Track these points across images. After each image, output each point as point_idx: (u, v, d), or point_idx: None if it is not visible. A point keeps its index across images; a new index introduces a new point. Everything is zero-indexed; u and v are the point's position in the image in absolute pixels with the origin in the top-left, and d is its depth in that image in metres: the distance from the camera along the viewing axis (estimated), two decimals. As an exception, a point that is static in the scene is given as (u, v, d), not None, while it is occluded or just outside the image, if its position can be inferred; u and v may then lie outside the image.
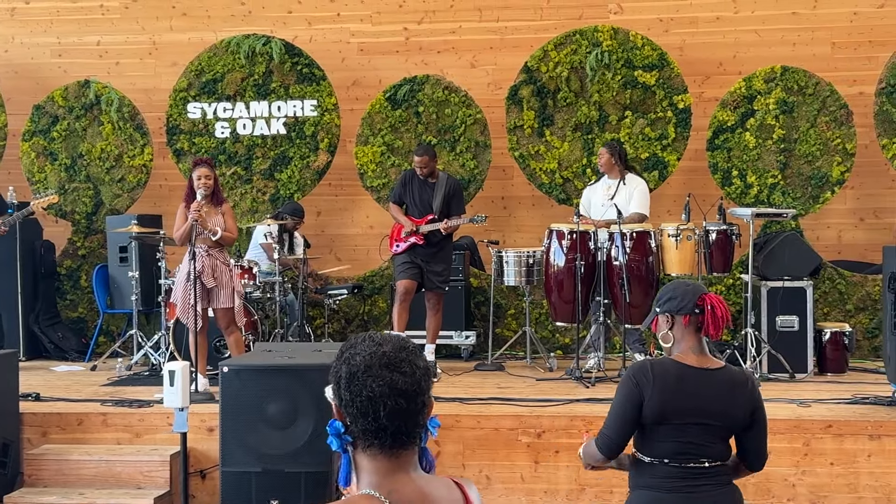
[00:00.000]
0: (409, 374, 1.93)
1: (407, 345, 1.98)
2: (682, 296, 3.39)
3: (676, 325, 3.39)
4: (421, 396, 1.94)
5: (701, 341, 3.40)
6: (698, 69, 9.28)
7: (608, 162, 7.92)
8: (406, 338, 2.02)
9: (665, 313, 3.42)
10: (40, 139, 9.57)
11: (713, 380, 3.35)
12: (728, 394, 3.35)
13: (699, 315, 3.36)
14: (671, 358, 3.41)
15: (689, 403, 3.31)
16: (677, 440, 3.32)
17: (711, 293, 3.44)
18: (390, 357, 1.93)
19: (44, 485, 6.16)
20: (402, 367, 1.93)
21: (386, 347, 1.95)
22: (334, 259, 9.69)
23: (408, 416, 1.93)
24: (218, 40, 9.49)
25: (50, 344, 9.22)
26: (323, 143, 9.33)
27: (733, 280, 8.80)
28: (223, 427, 5.49)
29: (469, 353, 8.79)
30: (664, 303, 3.43)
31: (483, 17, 9.60)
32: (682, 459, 3.33)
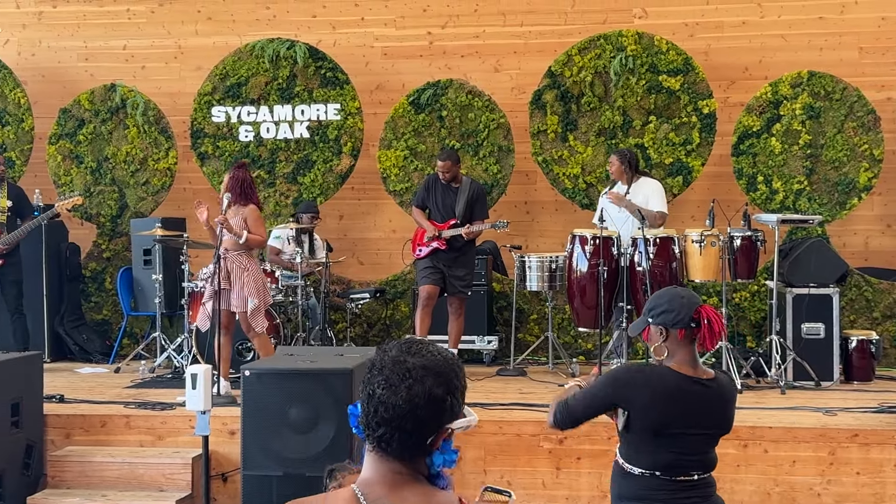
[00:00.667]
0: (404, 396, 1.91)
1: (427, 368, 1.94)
2: (679, 309, 3.31)
3: (671, 337, 3.32)
4: (412, 420, 1.91)
5: (695, 353, 3.36)
6: (724, 74, 9.21)
7: (619, 170, 7.88)
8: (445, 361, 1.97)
9: (659, 325, 3.34)
10: (67, 142, 9.64)
11: (710, 389, 3.34)
12: (723, 402, 3.38)
13: (695, 329, 3.30)
14: (668, 367, 3.35)
15: (690, 413, 3.28)
16: (672, 451, 3.28)
17: (707, 305, 3.37)
18: (400, 370, 1.93)
19: (67, 486, 6.19)
20: (401, 384, 1.92)
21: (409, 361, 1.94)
22: (357, 263, 9.70)
23: (394, 431, 1.92)
24: (242, 44, 9.53)
25: (75, 346, 9.28)
26: (346, 147, 9.35)
27: (758, 287, 8.74)
28: (245, 430, 5.50)
29: (491, 358, 8.77)
30: (658, 315, 3.34)
31: (507, 22, 9.58)
32: (674, 472, 3.29)
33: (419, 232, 8.11)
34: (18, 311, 8.47)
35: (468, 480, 6.14)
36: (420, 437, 1.93)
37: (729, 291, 8.30)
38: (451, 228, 7.91)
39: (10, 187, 8.63)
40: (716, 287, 8.51)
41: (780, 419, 6.21)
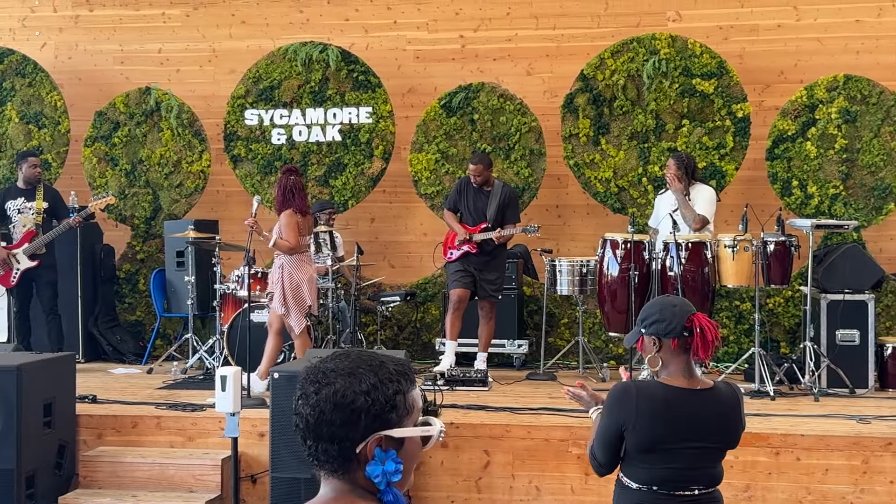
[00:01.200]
0: (312, 402, 1.81)
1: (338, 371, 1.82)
2: (671, 318, 3.24)
3: (664, 347, 3.25)
4: (325, 427, 1.79)
5: (690, 363, 3.28)
6: (758, 77, 9.13)
7: (675, 174, 7.75)
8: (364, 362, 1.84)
9: (651, 335, 3.27)
10: (102, 145, 9.74)
11: (706, 400, 3.26)
12: (723, 412, 3.28)
13: (688, 338, 3.23)
14: (658, 381, 3.28)
15: (682, 427, 3.21)
16: (668, 466, 3.21)
17: (700, 313, 3.30)
18: (312, 378, 1.83)
19: (98, 486, 6.24)
20: (311, 391, 1.82)
21: (322, 367, 1.84)
22: (388, 266, 9.71)
23: (315, 442, 1.81)
24: (276, 48, 9.58)
25: (108, 346, 9.36)
26: (378, 150, 9.36)
27: (792, 292, 8.64)
28: (273, 432, 5.52)
29: (521, 362, 8.74)
30: (650, 325, 3.27)
31: (539, 25, 9.56)
32: (672, 487, 3.22)
33: (450, 235, 8.12)
34: (53, 312, 8.58)
35: (496, 485, 6.13)
36: (342, 447, 1.80)
37: (762, 297, 8.22)
38: (483, 232, 7.91)
39: (46, 189, 8.74)
40: (749, 292, 8.44)
41: (813, 427, 6.13)
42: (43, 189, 8.68)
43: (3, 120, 9.81)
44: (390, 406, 1.82)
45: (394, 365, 1.87)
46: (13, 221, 8.53)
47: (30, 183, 8.60)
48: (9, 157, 9.77)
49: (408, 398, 1.86)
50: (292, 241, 7.14)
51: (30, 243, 8.43)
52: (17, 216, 8.53)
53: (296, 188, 7.20)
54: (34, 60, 9.87)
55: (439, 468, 6.19)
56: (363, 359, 1.85)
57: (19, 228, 8.51)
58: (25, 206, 8.55)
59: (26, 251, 8.42)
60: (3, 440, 5.68)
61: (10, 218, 8.53)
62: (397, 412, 1.84)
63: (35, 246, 8.42)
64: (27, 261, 8.43)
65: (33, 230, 8.49)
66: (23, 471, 5.73)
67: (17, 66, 9.83)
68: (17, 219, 8.53)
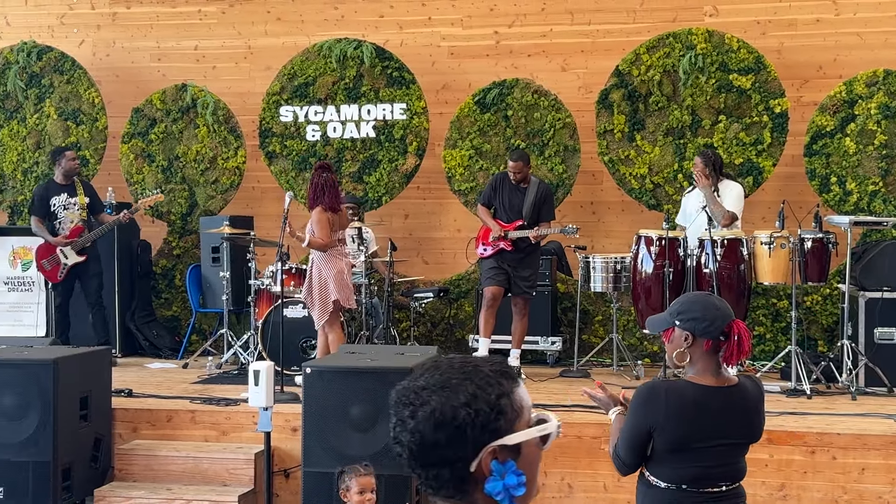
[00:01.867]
0: (411, 427, 1.66)
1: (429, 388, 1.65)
2: (712, 320, 3.18)
3: (696, 346, 3.20)
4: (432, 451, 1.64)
5: (718, 363, 3.23)
6: (796, 73, 9.02)
7: (702, 171, 7.72)
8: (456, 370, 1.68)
9: (686, 331, 3.21)
10: (139, 141, 9.82)
11: (734, 397, 3.23)
12: (748, 408, 3.25)
13: (723, 342, 3.18)
14: (686, 380, 3.24)
15: (712, 426, 3.18)
16: (698, 465, 3.18)
17: (739, 320, 3.23)
18: (403, 401, 1.69)
19: (133, 479, 6.30)
20: (406, 415, 1.67)
21: (411, 385, 1.69)
22: (421, 262, 9.71)
23: (426, 469, 1.66)
24: (311, 44, 9.61)
25: (145, 341, 9.46)
26: (411, 147, 9.37)
27: (830, 290, 8.54)
28: (305, 427, 5.54)
29: (555, 359, 8.71)
30: (688, 320, 3.20)
31: (574, 21, 9.51)
32: (701, 485, 3.19)
33: (483, 230, 8.10)
34: (99, 304, 8.71)
35: (528, 482, 6.10)
36: (454, 469, 1.63)
37: (799, 294, 8.13)
38: (519, 230, 7.87)
39: (84, 185, 8.85)
40: (786, 290, 8.35)
41: (850, 426, 6.06)
42: (81, 184, 8.79)
43: (42, 117, 9.93)
44: (496, 413, 1.64)
45: (490, 366, 1.69)
46: (59, 217, 8.63)
47: (69, 177, 8.70)
48: (47, 153, 9.88)
49: (514, 399, 1.67)
50: (324, 238, 7.16)
51: (78, 239, 8.54)
52: (63, 212, 8.63)
53: (327, 185, 7.21)
54: (72, 57, 9.98)
55: (471, 464, 6.17)
56: (454, 367, 1.68)
57: (66, 224, 8.62)
58: (70, 202, 8.66)
59: (74, 247, 8.53)
60: (40, 433, 5.76)
61: (56, 214, 8.64)
62: (506, 417, 1.65)
63: (83, 241, 8.54)
64: (75, 256, 8.55)
65: (81, 226, 8.61)
66: (59, 464, 5.80)
67: (56, 64, 9.94)
68: (64, 215, 8.63)
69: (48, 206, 8.63)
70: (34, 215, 8.67)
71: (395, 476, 5.32)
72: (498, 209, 8.07)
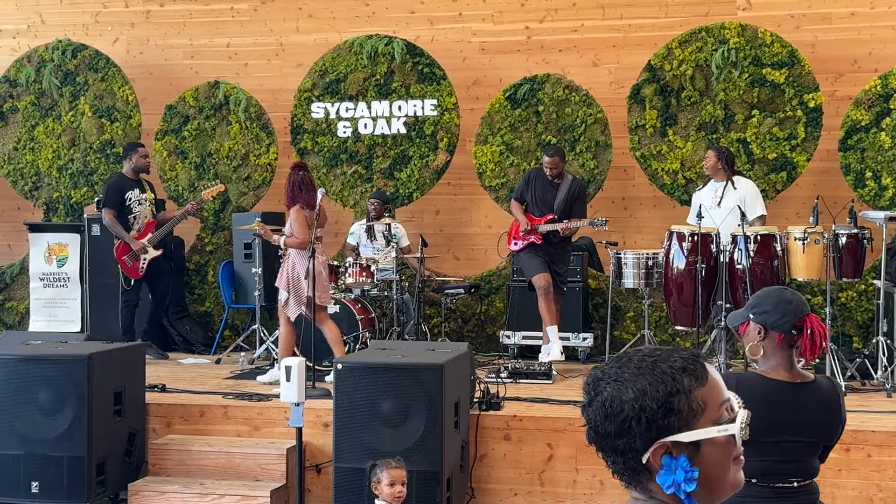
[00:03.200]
0: (588, 414, 1.69)
1: (616, 376, 1.66)
2: (783, 313, 3.18)
3: (769, 339, 3.20)
4: (605, 435, 1.66)
5: (792, 357, 3.21)
6: (831, 67, 8.92)
7: (714, 166, 7.76)
8: (647, 360, 1.67)
9: (759, 324, 3.21)
10: (172, 138, 9.90)
11: (806, 394, 3.20)
12: (822, 407, 3.21)
13: (796, 336, 3.18)
14: (757, 373, 3.23)
15: (781, 420, 3.15)
16: (765, 458, 3.14)
17: (813, 315, 3.22)
18: (589, 383, 1.71)
19: (167, 474, 6.35)
20: (585, 400, 1.70)
21: (601, 370, 1.71)
22: (452, 258, 9.71)
23: (605, 454, 1.69)
24: (342, 41, 9.63)
25: (178, 336, 9.53)
26: (442, 143, 9.37)
27: (865, 286, 8.44)
28: (337, 423, 5.56)
29: (586, 356, 8.68)
30: (760, 314, 3.21)
31: (606, 15, 9.47)
32: (771, 479, 3.17)
33: (515, 224, 8.10)
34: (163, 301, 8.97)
35: (559, 478, 6.10)
36: (626, 458, 1.66)
37: (834, 291, 8.05)
38: (548, 223, 7.87)
39: (148, 183, 8.97)
40: (820, 286, 8.27)
41: (885, 423, 5.99)
42: (145, 181, 8.93)
43: (77, 114, 10.03)
44: (665, 410, 1.62)
45: (672, 361, 1.66)
46: (134, 213, 8.73)
47: (138, 173, 8.82)
48: (82, 150, 9.99)
49: (691, 398, 1.64)
50: (301, 237, 7.21)
51: (153, 233, 8.67)
52: (138, 207, 8.74)
53: (303, 183, 7.30)
54: (106, 55, 10.07)
55: (502, 461, 6.18)
56: (633, 360, 1.67)
57: (141, 219, 8.73)
58: (143, 198, 8.78)
59: (151, 241, 8.66)
60: (75, 428, 5.82)
61: (131, 209, 8.73)
62: (679, 415, 1.63)
63: (158, 235, 8.70)
64: (153, 250, 8.66)
65: (153, 221, 8.74)
66: (94, 458, 5.86)
67: (90, 61, 10.03)
68: (138, 210, 8.74)
69: (123, 200, 8.71)
70: (110, 208, 8.68)
71: (426, 472, 5.34)
72: (530, 204, 8.07)
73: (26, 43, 10.55)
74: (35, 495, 5.81)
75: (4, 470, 5.85)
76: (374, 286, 8.26)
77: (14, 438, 5.85)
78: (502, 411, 6.34)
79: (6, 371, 5.94)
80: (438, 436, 5.40)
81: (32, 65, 10.11)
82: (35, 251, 9.68)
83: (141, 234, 8.68)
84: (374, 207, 8.78)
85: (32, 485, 5.81)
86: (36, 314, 9.62)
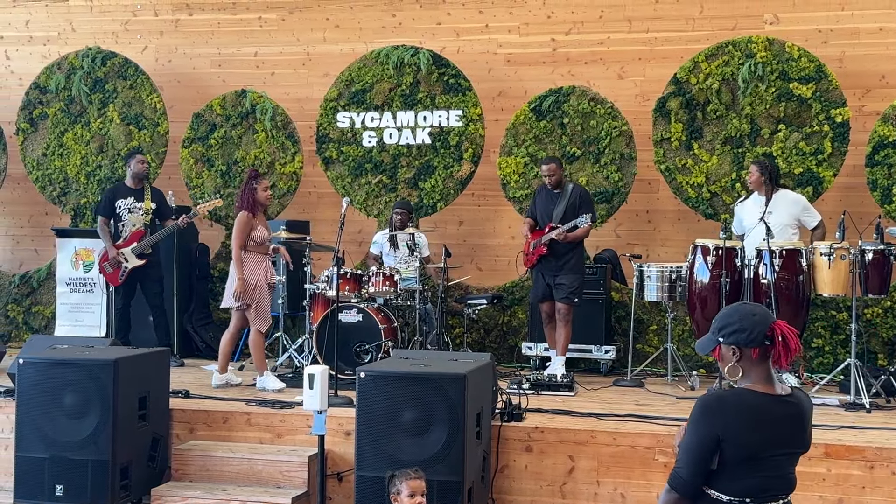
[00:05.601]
0: None
1: None
2: (752, 327, 3.15)
3: (745, 357, 3.17)
4: None
5: (770, 370, 3.19)
6: (858, 82, 8.89)
7: (758, 180, 7.71)
8: None
9: (731, 345, 3.18)
10: (199, 146, 9.97)
11: (791, 406, 3.19)
12: (805, 419, 3.22)
13: (770, 346, 3.15)
14: (745, 389, 3.19)
15: (776, 434, 3.14)
16: (762, 475, 3.13)
17: (780, 321, 3.20)
18: None
19: (189, 479, 6.38)
20: None
21: None
22: (475, 269, 9.73)
23: None
24: (368, 51, 9.69)
25: (202, 343, 9.58)
26: (467, 154, 9.39)
27: (891, 302, 8.38)
28: (359, 431, 5.57)
29: (608, 368, 8.66)
30: (730, 334, 3.17)
31: (632, 29, 9.48)
32: (763, 497, 3.14)
33: (526, 242, 8.20)
34: (160, 308, 8.84)
35: (581, 491, 6.08)
36: None
37: (860, 307, 8.00)
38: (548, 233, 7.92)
39: (153, 191, 9.00)
40: (845, 302, 8.23)
41: (910, 441, 5.94)
42: (150, 190, 8.93)
43: (106, 121, 10.12)
44: None
45: None
46: (122, 220, 8.79)
47: (139, 180, 8.86)
48: (109, 157, 10.08)
49: None
50: (236, 242, 7.44)
51: (138, 243, 8.69)
52: (127, 215, 8.79)
53: (246, 188, 7.48)
54: (135, 63, 10.17)
55: (523, 472, 6.17)
56: None
57: (128, 227, 8.77)
58: (135, 206, 8.80)
59: (135, 250, 8.68)
60: (100, 432, 5.85)
61: (120, 216, 8.79)
62: None
63: (143, 245, 8.68)
64: (135, 259, 8.69)
65: (142, 230, 8.74)
66: (118, 462, 5.89)
67: (120, 69, 10.13)
68: (127, 218, 8.78)
69: (113, 208, 8.79)
70: (100, 215, 8.85)
71: (448, 482, 5.34)
72: (537, 218, 8.14)
73: (56, 50, 10.68)
74: (59, 498, 5.85)
75: (30, 472, 5.90)
76: (398, 295, 8.28)
77: (40, 441, 5.90)
78: (524, 423, 6.33)
79: (34, 374, 5.99)
80: (460, 446, 5.40)
81: (62, 72, 10.22)
82: (62, 256, 9.77)
83: (126, 243, 8.71)
84: (399, 217, 8.80)
85: (57, 488, 5.86)
86: (62, 318, 9.70)
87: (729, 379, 3.26)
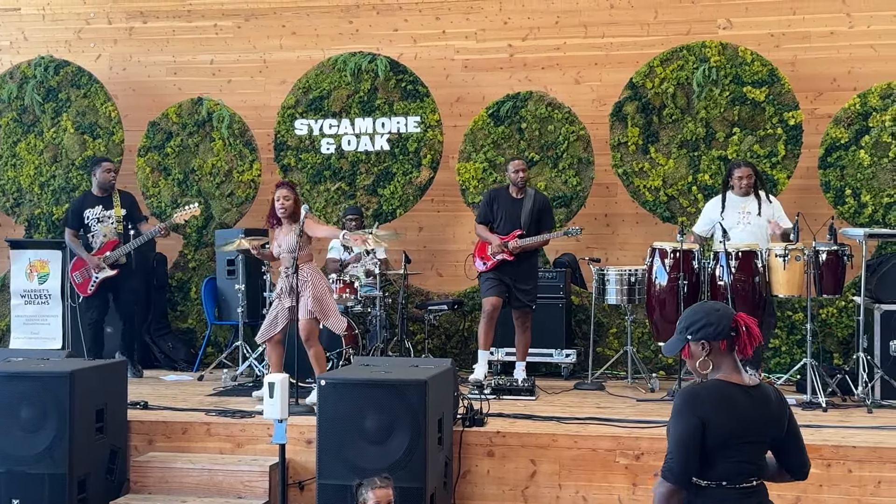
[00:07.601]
0: None
1: None
2: (718, 321, 3.36)
3: (714, 350, 3.36)
4: None
5: (737, 361, 3.39)
6: (810, 85, 9.02)
7: (749, 184, 7.73)
8: None
9: (700, 341, 3.37)
10: (155, 155, 9.89)
11: (760, 397, 3.37)
12: (770, 409, 3.38)
13: (735, 337, 3.36)
14: (718, 380, 3.37)
15: (747, 422, 3.31)
16: (735, 461, 3.30)
17: (741, 313, 3.42)
18: None
19: (148, 492, 6.32)
20: None
21: None
22: (435, 275, 9.73)
23: None
24: (325, 58, 9.66)
25: (160, 353, 9.49)
26: (426, 160, 9.40)
27: (845, 302, 8.51)
28: (320, 440, 5.55)
29: (569, 372, 8.70)
30: (698, 330, 3.37)
31: (588, 34, 9.54)
32: (739, 480, 3.32)
33: (480, 244, 8.15)
34: (131, 319, 8.78)
35: (543, 495, 6.10)
36: None
37: (814, 307, 8.10)
38: (518, 239, 7.89)
39: (123, 196, 8.86)
40: (801, 302, 8.34)
41: (866, 438, 6.03)
42: (119, 195, 8.80)
43: (59, 130, 10.00)
44: None
45: None
46: (92, 231, 8.66)
47: (105, 189, 8.74)
48: (64, 167, 9.96)
49: None
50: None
51: (111, 252, 8.57)
52: (97, 225, 8.66)
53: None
54: (89, 72, 10.07)
55: (486, 477, 6.18)
56: None
57: (99, 238, 8.64)
58: (104, 215, 8.67)
59: (107, 260, 8.55)
60: (56, 445, 5.78)
61: (89, 227, 8.67)
62: None
63: (116, 255, 8.55)
64: (107, 270, 8.56)
65: (115, 239, 8.62)
66: (75, 476, 5.82)
67: (73, 78, 10.02)
68: (97, 228, 8.65)
69: (82, 219, 8.66)
70: (68, 227, 8.71)
71: (410, 488, 5.33)
72: (497, 223, 8.06)
73: (8, 59, 10.54)
74: (16, 513, 5.77)
75: (-15, 488, 5.81)
76: (358, 302, 8.26)
77: (-5, 456, 5.82)
78: (485, 427, 6.34)
79: (-13, 388, 5.90)
80: (422, 452, 5.40)
81: (14, 81, 10.09)
82: (16, 268, 9.62)
83: (98, 253, 8.60)
84: (355, 224, 8.81)
85: (13, 502, 5.77)
86: (17, 331, 9.55)
87: (698, 376, 3.42)
